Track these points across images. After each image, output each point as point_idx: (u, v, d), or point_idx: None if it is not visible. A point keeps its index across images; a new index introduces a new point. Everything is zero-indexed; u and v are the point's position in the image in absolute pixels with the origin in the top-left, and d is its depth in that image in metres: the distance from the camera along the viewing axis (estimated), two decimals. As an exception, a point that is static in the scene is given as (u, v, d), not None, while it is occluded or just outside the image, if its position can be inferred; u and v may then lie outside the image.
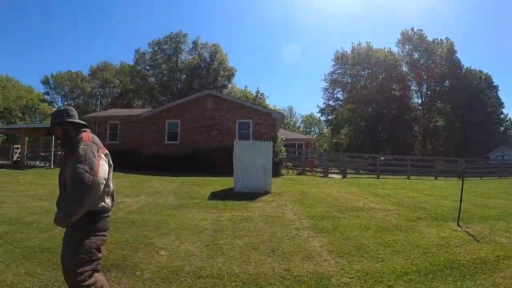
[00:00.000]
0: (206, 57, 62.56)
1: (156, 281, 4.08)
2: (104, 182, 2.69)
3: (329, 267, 4.63)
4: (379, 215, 8.17)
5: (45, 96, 70.47)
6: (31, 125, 29.43)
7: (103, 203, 2.77)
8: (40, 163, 26.94)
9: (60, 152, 29.05)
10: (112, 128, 26.18)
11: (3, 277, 4.14)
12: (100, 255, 2.82)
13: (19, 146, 29.63)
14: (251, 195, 10.85)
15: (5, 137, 54.73)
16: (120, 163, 21.12)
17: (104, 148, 2.87)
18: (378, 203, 10.04)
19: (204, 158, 21.06)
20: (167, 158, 22.24)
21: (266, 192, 11.65)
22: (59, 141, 3.12)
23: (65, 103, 67.86)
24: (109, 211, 2.89)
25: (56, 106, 67.47)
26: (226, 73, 62.53)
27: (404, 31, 60.47)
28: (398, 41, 60.93)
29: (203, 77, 60.31)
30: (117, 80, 69.33)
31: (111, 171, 2.92)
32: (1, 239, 5.72)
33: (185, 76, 61.94)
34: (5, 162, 26.62)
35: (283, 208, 9.00)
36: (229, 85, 63.75)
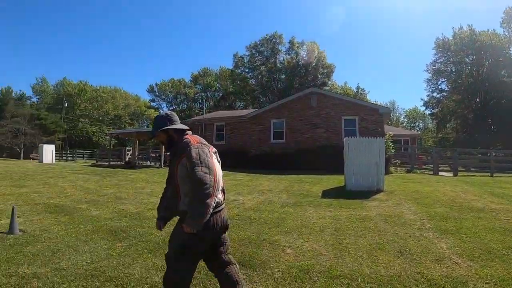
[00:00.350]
0: (304, 55, 62.50)
1: (288, 280, 4.05)
2: (221, 179, 2.82)
3: (462, 271, 4.35)
4: (502, 217, 7.54)
5: (151, 103, 75.99)
6: (141, 129, 31.82)
7: (216, 199, 2.78)
8: (150, 163, 29.11)
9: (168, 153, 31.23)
10: (219, 129, 27.30)
11: (131, 270, 4.37)
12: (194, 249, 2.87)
13: (131, 148, 32.27)
14: (363, 194, 10.70)
15: (116, 141, 59.73)
16: (227, 162, 22.12)
17: (212, 147, 2.99)
18: (498, 203, 9.27)
19: (309, 156, 21.13)
20: (272, 156, 22.71)
21: (379, 191, 11.36)
22: (164, 145, 3.25)
23: (170, 108, 72.56)
24: (222, 205, 2.93)
25: (162, 112, 72.26)
26: (325, 70, 61.87)
27: (507, 9, 52.97)
28: (503, 21, 53.59)
29: (302, 76, 60.44)
30: (217, 84, 72.29)
31: (219, 168, 2.95)
32: (124, 233, 6.14)
33: (284, 76, 62.52)
34: (118, 162, 29.79)
35: (400, 207, 8.75)
36: (329, 82, 62.93)
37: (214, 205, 2.66)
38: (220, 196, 2.88)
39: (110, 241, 5.64)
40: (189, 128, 3.15)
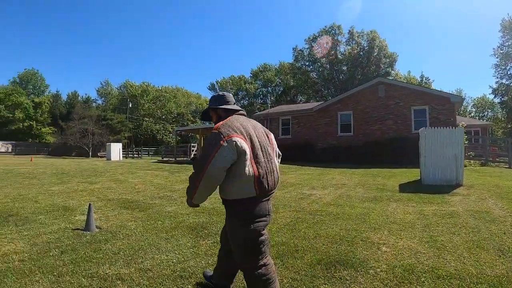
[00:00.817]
0: (365, 45, 60.91)
1: (394, 281, 3.85)
2: (221, 172, 2.63)
3: None
4: None
5: (213, 101, 77.60)
6: (207, 126, 32.66)
7: (241, 192, 2.74)
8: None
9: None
10: (284, 124, 27.50)
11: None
12: (263, 238, 2.86)
13: (195, 144, 33.30)
14: (442, 188, 10.34)
15: (179, 138, 61.80)
16: (294, 156, 22.32)
17: (234, 135, 2.71)
18: None
19: (378, 149, 20.88)
20: (340, 150, 22.62)
21: (458, 185, 10.90)
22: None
23: (231, 104, 73.89)
24: (257, 197, 2.78)
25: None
26: (387, 60, 59.99)
27: None
28: None
29: (364, 67, 59.16)
30: (278, 79, 72.57)
31: (248, 157, 2.74)
32: (205, 229, 6.03)
33: (346, 67, 61.43)
34: (184, 158, 31.30)
35: (485, 202, 8.35)
36: (392, 71, 60.89)
37: (205, 193, 2.75)
38: (250, 188, 2.75)
39: (193, 238, 5.51)
40: (240, 109, 3.14)
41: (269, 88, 74.29)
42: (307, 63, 64.04)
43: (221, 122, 2.83)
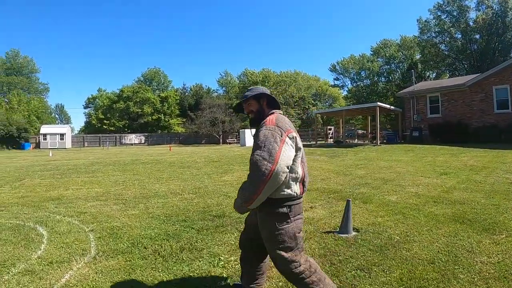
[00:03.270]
0: (497, 8, 54.87)
1: None
2: (287, 170, 2.51)
3: None
4: None
5: (335, 81, 77.11)
6: (350, 107, 32.59)
7: (289, 191, 2.65)
8: (358, 141, 29.78)
9: (370, 133, 31.21)
10: (432, 101, 26.24)
11: None
12: (302, 234, 2.81)
13: (331, 127, 33.42)
14: None
15: (300, 121, 62.73)
16: (447, 137, 21.42)
17: (292, 131, 2.67)
18: None
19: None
20: (498, 129, 21.14)
21: None
22: (250, 117, 3.04)
23: (354, 85, 72.68)
24: (298, 199, 2.74)
25: (346, 89, 73.36)
26: (529, 22, 52.98)
27: None
28: None
29: (500, 34, 53.42)
30: (401, 55, 69.46)
31: (301, 155, 2.74)
32: (475, 221, 5.65)
33: (479, 36, 56.07)
34: (323, 142, 32.02)
35: None
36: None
37: (265, 196, 2.53)
38: (296, 188, 2.70)
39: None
40: (280, 106, 3.09)
41: (392, 65, 71.35)
42: (434, 35, 60.01)
43: (273, 117, 2.77)
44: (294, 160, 2.61)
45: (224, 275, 3.75)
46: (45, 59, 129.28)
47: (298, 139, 2.72)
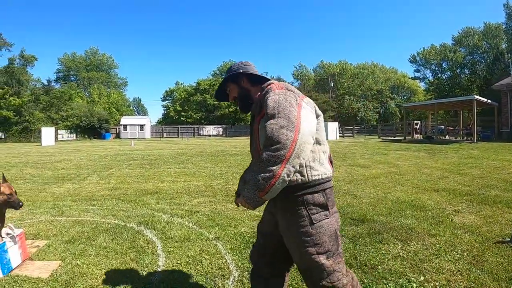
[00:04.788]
0: None
1: None
2: (312, 139, 1.90)
3: None
4: None
5: (415, 73, 74.57)
6: (443, 101, 30.97)
7: (322, 169, 2.05)
8: (448, 137, 28.74)
9: (465, 128, 29.68)
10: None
11: None
12: (340, 238, 2.11)
13: (418, 122, 32.30)
14: None
15: (377, 115, 61.41)
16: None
17: (305, 96, 2.10)
18: None
19: None
20: None
21: None
22: (238, 105, 2.42)
23: (435, 76, 69.63)
24: (329, 181, 2.09)
25: (424, 83, 70.75)
26: None
27: None
28: None
29: None
30: (485, 44, 65.52)
31: (322, 124, 2.14)
32: None
33: None
34: (405, 138, 30.65)
35: None
36: None
37: (288, 178, 1.81)
38: (327, 165, 2.13)
39: None
40: (270, 79, 2.30)
41: (475, 55, 67.25)
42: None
43: (276, 84, 2.13)
44: (317, 129, 2.05)
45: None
46: (123, 54, 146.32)
47: (313, 104, 2.14)
